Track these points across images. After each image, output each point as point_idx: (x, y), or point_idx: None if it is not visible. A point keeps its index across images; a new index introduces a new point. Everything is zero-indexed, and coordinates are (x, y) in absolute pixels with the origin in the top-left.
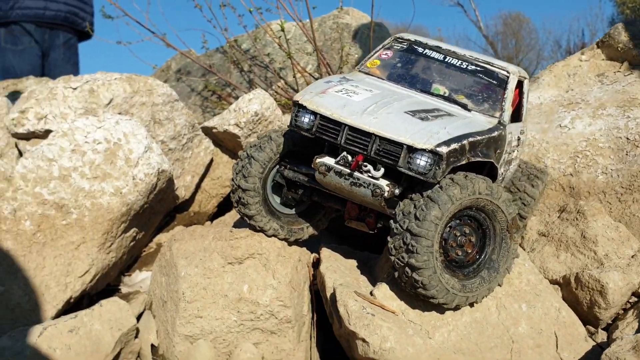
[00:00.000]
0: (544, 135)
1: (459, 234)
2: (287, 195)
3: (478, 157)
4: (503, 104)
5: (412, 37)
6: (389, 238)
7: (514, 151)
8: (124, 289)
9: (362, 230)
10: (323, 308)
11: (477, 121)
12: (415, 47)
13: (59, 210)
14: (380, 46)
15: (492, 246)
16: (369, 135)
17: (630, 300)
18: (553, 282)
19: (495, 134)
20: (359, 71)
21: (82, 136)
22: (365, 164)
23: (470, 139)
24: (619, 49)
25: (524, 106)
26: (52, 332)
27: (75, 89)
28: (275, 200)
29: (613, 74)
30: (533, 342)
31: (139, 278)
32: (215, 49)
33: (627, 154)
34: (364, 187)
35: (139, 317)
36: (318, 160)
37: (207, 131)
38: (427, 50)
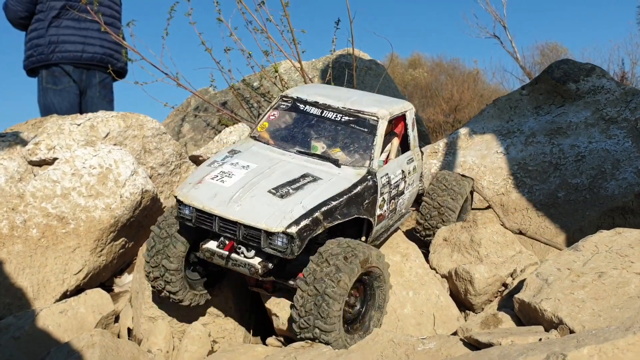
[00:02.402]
0: (482, 160)
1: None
2: (199, 270)
3: (337, 221)
4: (372, 151)
5: (295, 94)
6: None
7: (399, 185)
8: (116, 289)
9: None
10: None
11: (343, 178)
12: (298, 104)
13: (60, 221)
14: (270, 106)
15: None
16: (235, 223)
17: (500, 290)
18: (444, 276)
19: (359, 188)
20: (251, 136)
21: (80, 162)
22: (239, 246)
23: (324, 208)
24: (553, 84)
25: (411, 135)
26: (46, 312)
27: (79, 125)
28: (191, 272)
29: (548, 106)
30: (415, 321)
31: (127, 279)
32: (229, 87)
33: (549, 176)
34: (242, 266)
35: None
36: (203, 246)
37: (195, 159)
38: (307, 107)
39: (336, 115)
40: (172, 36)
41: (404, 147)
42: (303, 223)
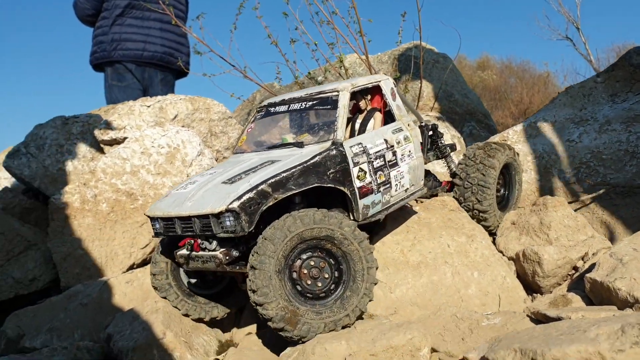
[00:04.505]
0: (553, 148)
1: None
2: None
3: (291, 191)
4: (335, 124)
5: (267, 102)
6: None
7: (384, 155)
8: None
9: None
10: None
11: (303, 155)
12: (269, 109)
13: (128, 197)
14: (247, 122)
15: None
16: (189, 218)
17: (570, 273)
18: (511, 258)
19: (318, 158)
20: (234, 152)
21: (150, 142)
22: (202, 242)
23: (272, 180)
24: (631, 71)
25: (393, 105)
26: (113, 282)
27: (149, 106)
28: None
29: (625, 94)
30: (479, 302)
31: None
32: (294, 80)
33: (625, 165)
34: (209, 261)
35: None
36: (178, 253)
37: None
38: (276, 107)
39: (301, 104)
40: (238, 29)
41: (391, 119)
42: (246, 197)
